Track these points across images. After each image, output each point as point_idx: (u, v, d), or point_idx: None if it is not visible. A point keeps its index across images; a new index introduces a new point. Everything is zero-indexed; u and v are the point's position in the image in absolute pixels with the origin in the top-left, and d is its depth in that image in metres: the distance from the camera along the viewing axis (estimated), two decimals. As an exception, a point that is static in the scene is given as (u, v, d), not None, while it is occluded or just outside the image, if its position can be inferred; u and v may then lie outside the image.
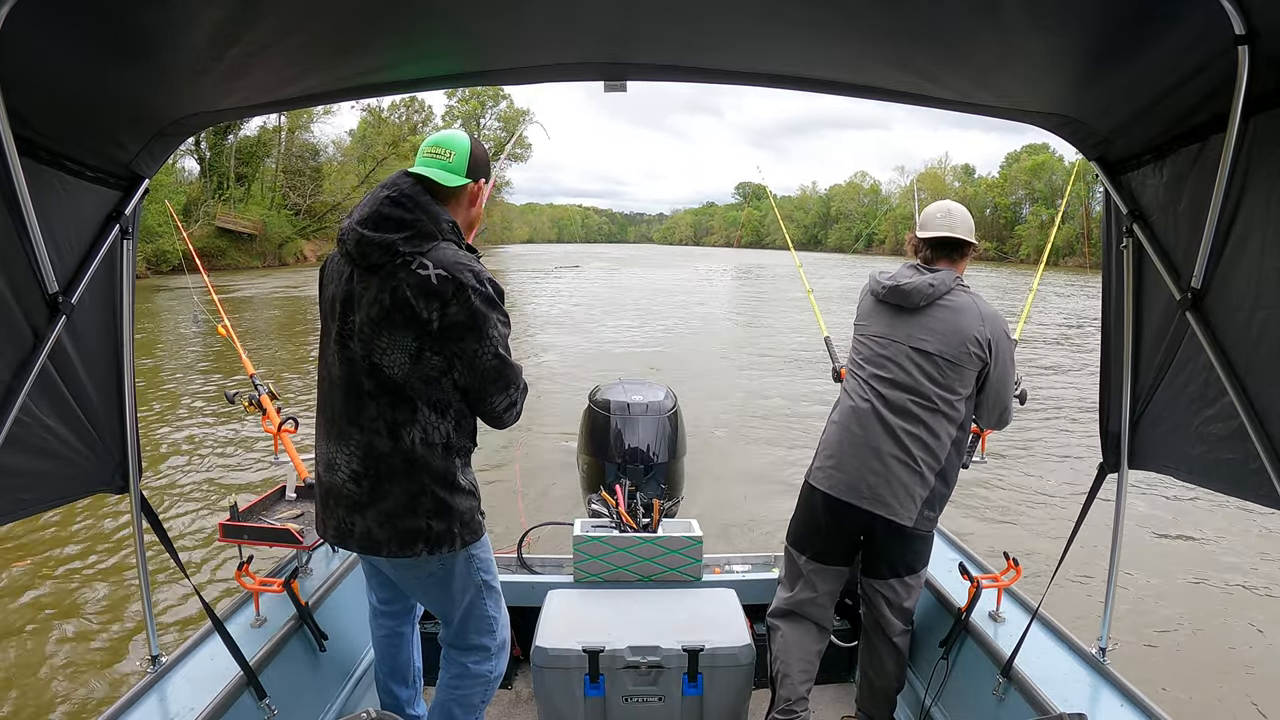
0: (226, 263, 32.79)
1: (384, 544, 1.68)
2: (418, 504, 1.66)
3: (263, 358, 11.48)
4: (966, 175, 78.50)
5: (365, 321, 1.62)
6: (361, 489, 1.67)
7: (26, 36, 1.09)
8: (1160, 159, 1.50)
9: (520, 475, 5.91)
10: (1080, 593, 3.86)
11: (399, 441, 1.64)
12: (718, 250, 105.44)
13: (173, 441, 7.33)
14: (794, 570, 2.29)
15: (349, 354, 1.65)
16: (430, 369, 1.62)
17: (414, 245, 1.59)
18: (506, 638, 1.97)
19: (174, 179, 32.95)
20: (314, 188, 39.65)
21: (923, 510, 2.08)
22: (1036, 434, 7.98)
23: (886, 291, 2.14)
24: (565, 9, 1.36)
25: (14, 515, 1.46)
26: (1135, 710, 1.77)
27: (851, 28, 1.34)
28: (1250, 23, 1.09)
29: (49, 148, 1.34)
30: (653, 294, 25.80)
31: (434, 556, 1.70)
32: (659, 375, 10.10)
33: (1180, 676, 3.64)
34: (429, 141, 1.73)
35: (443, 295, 1.57)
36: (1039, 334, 15.53)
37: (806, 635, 2.24)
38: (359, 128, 46.25)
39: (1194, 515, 5.71)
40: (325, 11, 1.28)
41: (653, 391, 4.01)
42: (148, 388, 9.43)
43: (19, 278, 1.33)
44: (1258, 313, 1.28)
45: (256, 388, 2.76)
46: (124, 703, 1.72)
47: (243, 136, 38.39)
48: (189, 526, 5.24)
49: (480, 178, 1.74)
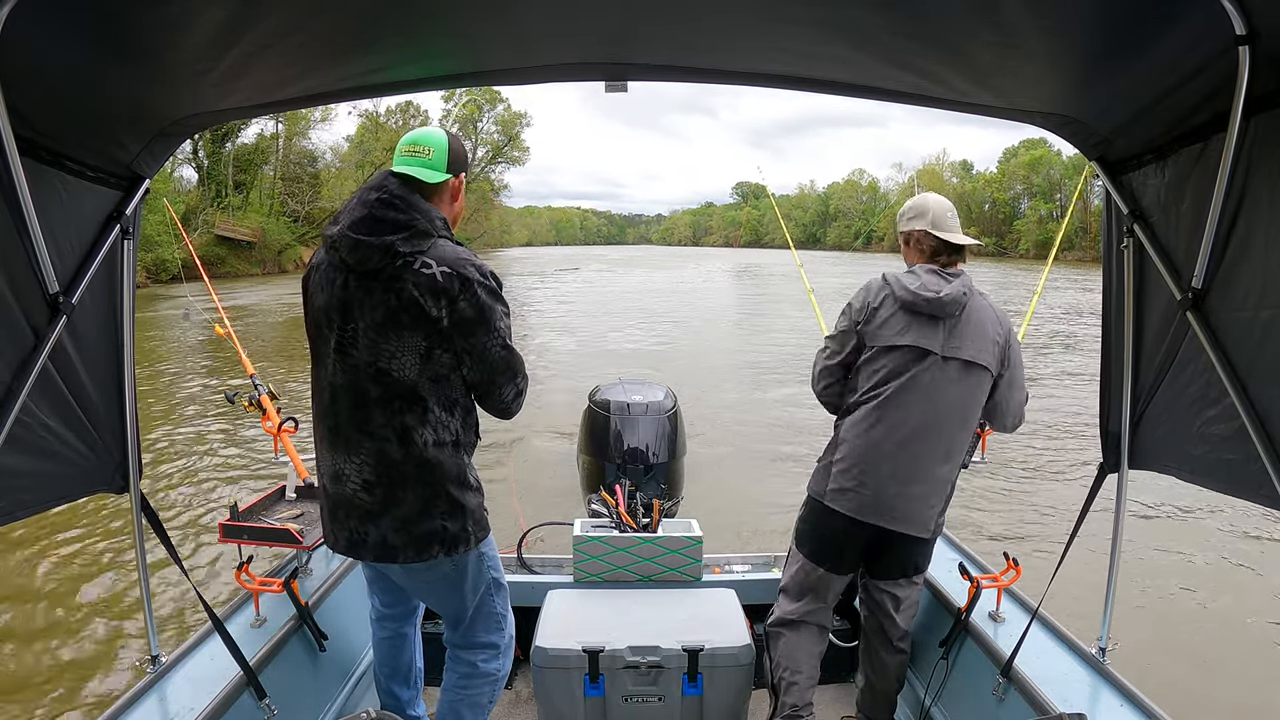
0: (226, 270, 32.72)
1: (400, 550, 1.67)
2: (432, 506, 1.66)
3: (269, 357, 11.48)
4: (965, 171, 78.30)
5: (370, 327, 1.59)
6: (374, 497, 1.65)
7: (27, 36, 1.09)
8: (1161, 159, 1.50)
9: (515, 476, 5.91)
10: (1080, 593, 3.86)
11: (410, 446, 1.63)
12: (717, 250, 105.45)
13: (173, 441, 7.33)
14: (805, 582, 2.20)
15: (351, 362, 1.62)
16: (440, 367, 1.62)
17: (413, 245, 1.58)
18: (513, 635, 1.98)
19: (172, 187, 32.94)
20: (312, 194, 39.62)
21: (937, 518, 2.08)
22: (1037, 434, 7.98)
23: (928, 303, 1.97)
24: (565, 9, 1.36)
25: (14, 515, 1.46)
26: (1135, 710, 1.77)
27: (851, 28, 1.34)
28: (1251, 23, 1.09)
29: (50, 148, 1.34)
30: (655, 295, 25.81)
31: (449, 558, 1.70)
32: (659, 375, 10.09)
33: (1180, 676, 3.64)
34: (406, 140, 1.70)
35: (450, 292, 1.57)
36: (1041, 328, 15.53)
37: (810, 639, 2.21)
38: (357, 134, 46.23)
39: (1194, 515, 5.71)
40: (326, 12, 1.28)
41: (652, 391, 4.01)
42: (149, 389, 9.43)
43: (19, 277, 1.32)
44: (1260, 313, 1.28)
45: (256, 388, 2.76)
46: (124, 703, 1.72)
47: (240, 144, 38.39)
48: (189, 526, 5.24)
49: (460, 172, 1.73)
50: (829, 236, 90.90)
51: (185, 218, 32.03)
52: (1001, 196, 66.58)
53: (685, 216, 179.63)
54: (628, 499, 2.96)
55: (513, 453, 6.70)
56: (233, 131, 36.54)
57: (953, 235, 2.08)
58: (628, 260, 61.96)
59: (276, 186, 39.71)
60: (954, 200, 2.51)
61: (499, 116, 57.98)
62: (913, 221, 2.11)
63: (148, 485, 2.70)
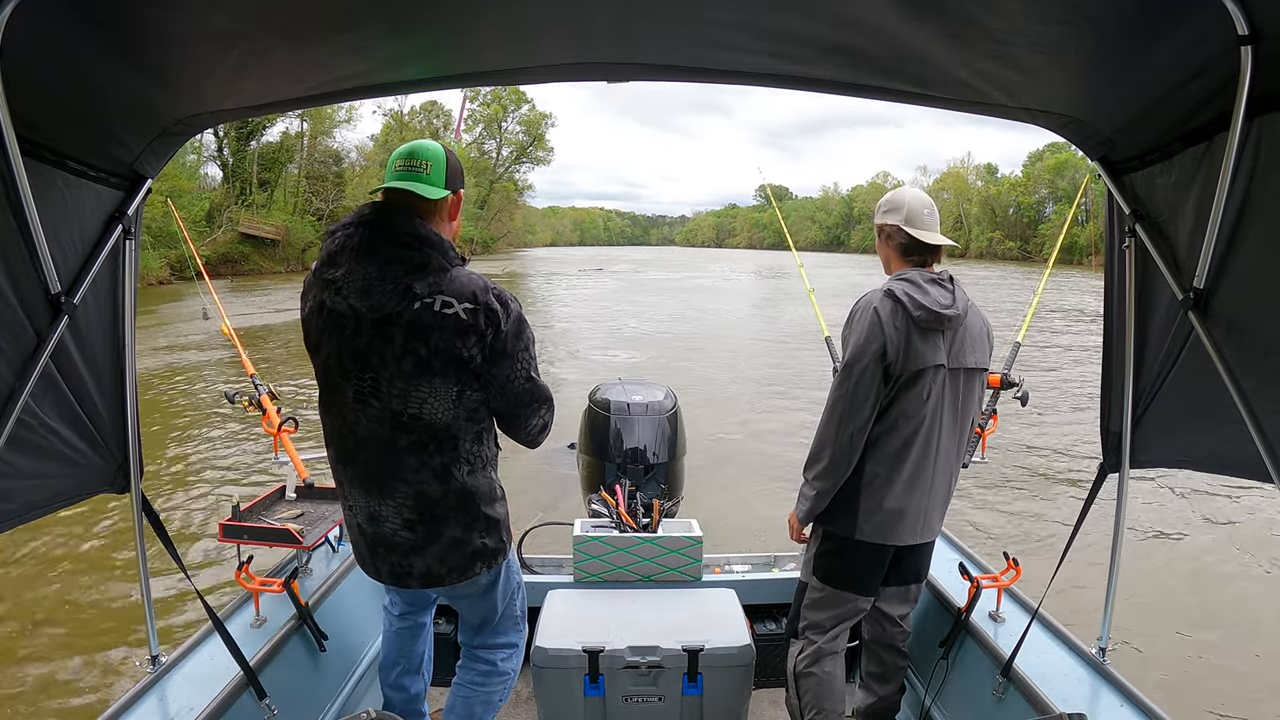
0: (249, 268, 32.89)
1: (446, 576, 1.69)
2: (472, 530, 1.68)
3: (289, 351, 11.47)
4: (989, 174, 76.48)
5: (397, 375, 1.53)
6: (417, 535, 1.64)
7: (29, 37, 1.09)
8: (1163, 159, 1.50)
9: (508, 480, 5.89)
10: (1080, 593, 3.86)
11: (450, 482, 1.62)
12: (741, 252, 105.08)
13: (174, 442, 7.33)
14: (841, 614, 2.08)
15: (374, 412, 1.57)
16: (471, 404, 1.60)
17: (429, 284, 1.51)
18: (526, 633, 2.01)
19: (197, 184, 33.15)
20: (337, 193, 39.82)
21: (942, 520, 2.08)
22: (1037, 434, 7.98)
23: (939, 319, 1.86)
24: (565, 8, 1.36)
25: (19, 519, 1.45)
26: (1135, 710, 1.77)
27: (853, 27, 1.34)
28: (1253, 23, 1.09)
29: (52, 148, 1.34)
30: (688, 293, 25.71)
31: (489, 571, 1.74)
32: (666, 373, 10.10)
33: (1180, 676, 3.64)
34: (401, 153, 1.60)
35: (478, 329, 1.52)
36: (1047, 325, 15.49)
37: (841, 666, 2.14)
38: (381, 133, 46.59)
39: (1195, 515, 5.71)
40: (327, 11, 1.28)
41: (653, 391, 4.01)
42: (152, 388, 9.42)
43: (21, 278, 1.32)
44: (1261, 313, 1.28)
45: (257, 388, 2.76)
46: (124, 703, 1.72)
47: (265, 142, 38.73)
48: (189, 527, 5.24)
49: (458, 188, 1.66)
50: (853, 239, 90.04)
51: (210, 215, 32.28)
52: (1026, 200, 66.06)
53: (709, 218, 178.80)
54: (628, 499, 2.96)
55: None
56: (258, 129, 36.83)
57: (926, 234, 1.97)
58: (652, 261, 61.07)
59: (301, 185, 39.99)
60: (979, 203, 2.45)
61: (524, 117, 58.01)
62: (887, 215, 2.01)
63: (148, 485, 2.67)
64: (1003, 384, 2.53)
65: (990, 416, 2.55)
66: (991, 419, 2.55)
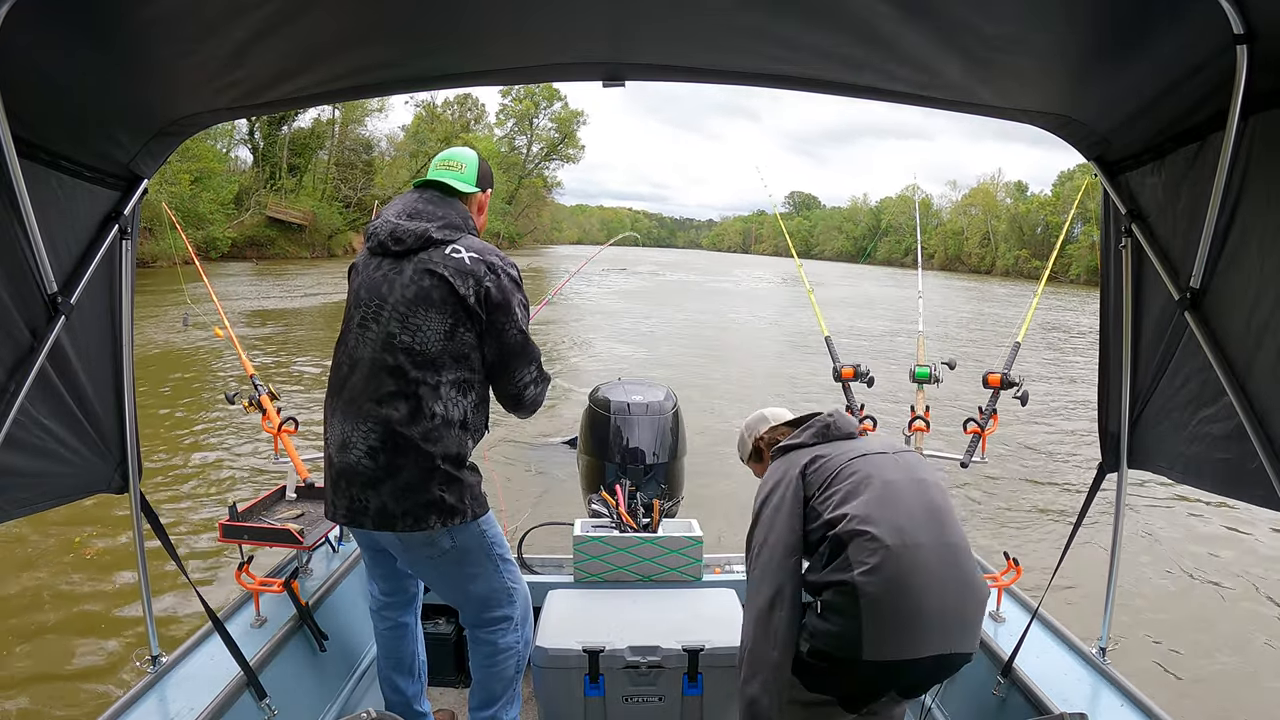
0: (275, 252, 33.00)
1: (399, 518, 1.72)
2: (430, 477, 1.72)
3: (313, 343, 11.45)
4: (1019, 192, 73.44)
5: (400, 301, 1.72)
6: (377, 464, 1.71)
7: (25, 37, 1.09)
8: (1159, 159, 1.50)
9: (501, 477, 5.90)
10: (1080, 593, 3.87)
11: (418, 415, 1.70)
12: (767, 259, 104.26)
13: (173, 441, 7.33)
14: None
15: (373, 334, 1.73)
16: (462, 345, 1.74)
17: (445, 233, 1.76)
18: (529, 607, 2.01)
19: (227, 167, 33.19)
20: (365, 181, 40.02)
21: None
22: (1037, 434, 7.98)
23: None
24: (565, 8, 1.36)
25: (10, 514, 1.45)
26: (1135, 710, 1.77)
27: (851, 28, 1.34)
28: (1249, 22, 1.09)
29: (48, 148, 1.34)
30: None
31: (446, 530, 1.75)
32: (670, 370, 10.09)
33: (1180, 676, 3.64)
34: (441, 157, 1.94)
35: (477, 274, 1.73)
36: (1048, 338, 15.50)
37: None
38: (413, 124, 46.50)
39: (1195, 515, 5.71)
40: (322, 11, 1.28)
41: (653, 391, 4.00)
42: (152, 388, 9.43)
43: (17, 278, 1.32)
44: (1257, 312, 1.28)
45: (256, 388, 2.76)
46: (124, 703, 1.72)
47: (296, 128, 38.99)
48: (189, 527, 5.24)
49: (486, 189, 1.95)
50: (880, 251, 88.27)
51: (238, 198, 32.37)
52: (1055, 220, 65.00)
53: (736, 223, 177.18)
54: (628, 499, 2.95)
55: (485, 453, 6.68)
56: (290, 115, 36.95)
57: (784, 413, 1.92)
58: (678, 264, 59.06)
59: (330, 171, 40.14)
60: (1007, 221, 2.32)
61: (555, 114, 57.78)
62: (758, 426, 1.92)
63: (147, 485, 2.69)
64: (1003, 384, 2.52)
65: (990, 416, 2.54)
66: (991, 419, 2.54)
